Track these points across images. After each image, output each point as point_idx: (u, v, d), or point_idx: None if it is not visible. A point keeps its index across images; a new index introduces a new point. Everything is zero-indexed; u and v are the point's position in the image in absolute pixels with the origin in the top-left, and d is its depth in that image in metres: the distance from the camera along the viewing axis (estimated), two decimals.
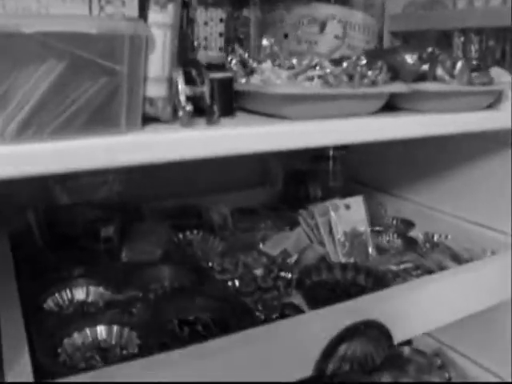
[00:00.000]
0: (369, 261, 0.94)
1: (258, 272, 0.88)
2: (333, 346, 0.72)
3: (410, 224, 1.13)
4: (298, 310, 0.77)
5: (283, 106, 0.61)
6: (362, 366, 0.74)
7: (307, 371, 0.71)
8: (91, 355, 0.68)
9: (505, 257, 0.91)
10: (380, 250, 0.99)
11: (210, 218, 1.08)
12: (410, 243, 1.04)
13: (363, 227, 0.96)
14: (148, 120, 0.57)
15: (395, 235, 1.07)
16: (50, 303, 0.79)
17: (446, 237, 1.07)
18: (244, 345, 0.66)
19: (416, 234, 1.10)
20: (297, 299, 0.83)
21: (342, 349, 0.72)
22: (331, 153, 1.25)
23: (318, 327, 0.71)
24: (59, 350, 0.67)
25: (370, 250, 0.95)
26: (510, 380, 1.06)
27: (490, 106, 0.84)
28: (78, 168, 0.50)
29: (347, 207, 0.95)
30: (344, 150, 1.26)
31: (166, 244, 0.95)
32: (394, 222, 1.15)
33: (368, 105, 0.68)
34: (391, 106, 0.74)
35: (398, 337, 0.79)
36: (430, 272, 0.93)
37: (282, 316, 0.76)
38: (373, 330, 0.75)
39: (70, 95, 0.48)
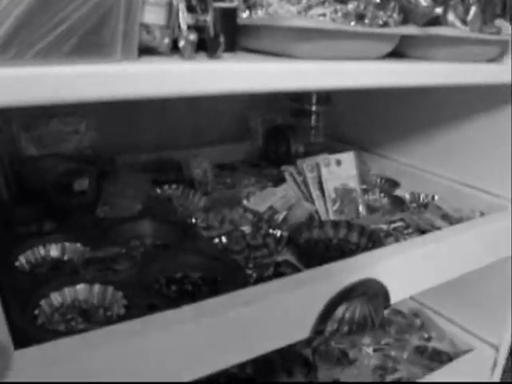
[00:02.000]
0: (359, 219, 0.89)
1: (246, 229, 0.82)
2: (331, 307, 0.67)
3: (395, 183, 1.09)
4: (293, 268, 0.72)
5: (293, 43, 0.55)
6: (361, 327, 0.70)
7: (305, 333, 0.67)
8: (72, 317, 0.62)
9: (501, 217, 0.88)
10: (369, 208, 0.94)
11: (189, 173, 1.00)
12: (397, 202, 1.00)
13: (354, 184, 0.91)
14: (143, 52, 0.49)
15: (382, 194, 1.03)
16: (21, 261, 0.71)
17: (433, 197, 1.03)
18: (238, 305, 0.60)
19: (402, 193, 1.06)
20: (288, 257, 0.78)
21: (341, 310, 0.68)
22: (314, 108, 1.19)
23: (316, 287, 0.66)
24: (36, 312, 0.60)
25: (361, 207, 0.90)
26: (485, 337, 1.06)
27: (492, 60, 0.79)
28: (66, 99, 0.42)
29: (338, 163, 0.90)
30: (326, 105, 1.20)
31: (145, 198, 0.88)
32: (379, 180, 1.11)
33: (379, 47, 0.62)
34: (396, 53, 0.68)
35: (394, 297, 0.75)
36: (421, 231, 0.89)
37: (276, 275, 0.71)
38: (371, 290, 0.71)
39: (59, 12, 0.39)
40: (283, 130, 1.16)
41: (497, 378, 1.09)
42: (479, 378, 1.05)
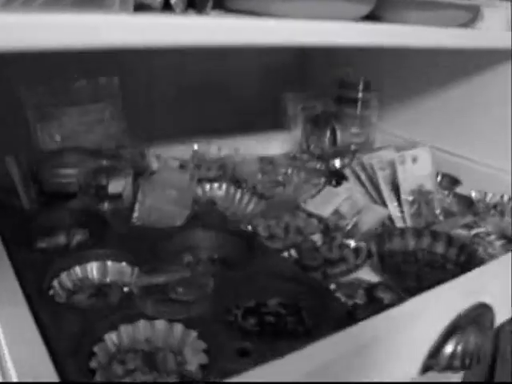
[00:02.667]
0: (437, 224, 0.76)
1: (317, 238, 0.69)
2: (443, 340, 0.55)
3: (455, 180, 0.96)
4: (389, 292, 0.59)
5: (273, 3, 0.55)
6: (474, 360, 0.57)
7: (413, 371, 0.54)
8: (135, 367, 0.48)
9: None
10: (444, 211, 0.81)
11: (232, 170, 0.86)
12: (465, 202, 0.87)
13: (431, 184, 0.78)
14: (138, 8, 0.46)
15: (446, 192, 0.90)
16: (56, 287, 0.57)
17: (502, 196, 0.90)
18: (348, 352, 0.47)
19: (465, 191, 0.93)
20: (369, 273, 0.65)
21: (453, 342, 0.55)
22: (359, 95, 1.05)
23: (427, 318, 0.54)
24: (93, 364, 0.46)
25: (438, 211, 0.77)
26: None
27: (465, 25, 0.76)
28: (71, 45, 0.40)
29: (414, 160, 0.77)
30: (372, 92, 1.06)
31: (189, 202, 0.73)
32: (440, 177, 0.97)
33: (356, 8, 0.61)
34: (373, 16, 0.66)
35: (498, 320, 0.63)
36: (504, 237, 0.77)
37: (371, 300, 0.58)
38: (482, 317, 0.58)
39: None
40: (327, 119, 1.02)
41: None
42: None
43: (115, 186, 0.72)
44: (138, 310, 0.51)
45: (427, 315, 0.54)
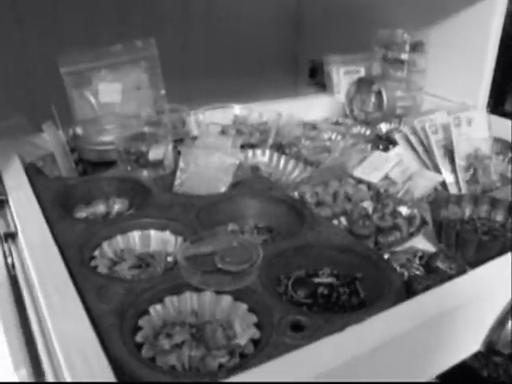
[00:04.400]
0: (495, 191, 0.70)
1: (367, 205, 0.64)
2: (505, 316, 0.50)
3: (508, 145, 0.89)
4: (452, 262, 0.53)
5: None
6: None
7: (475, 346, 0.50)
8: (182, 340, 0.44)
9: None
10: (502, 177, 0.75)
11: (273, 135, 0.81)
12: None
13: (487, 149, 0.72)
14: None
15: (500, 157, 0.82)
16: (99, 259, 0.54)
17: None
18: (412, 322, 0.42)
19: None
20: (424, 242, 0.60)
21: None
22: (405, 56, 0.98)
23: (493, 287, 0.48)
24: (139, 338, 0.43)
25: (495, 177, 0.71)
26: None
27: None
28: None
29: (469, 122, 0.70)
30: (419, 53, 0.99)
31: (234, 169, 0.69)
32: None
33: None
34: None
35: None
36: None
37: (429, 271, 0.53)
38: None
39: None
40: (372, 82, 0.96)
41: None
42: None
43: (156, 152, 0.68)
44: (184, 281, 0.48)
45: (492, 287, 0.49)
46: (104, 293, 0.45)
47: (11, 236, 0.57)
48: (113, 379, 0.35)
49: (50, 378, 0.42)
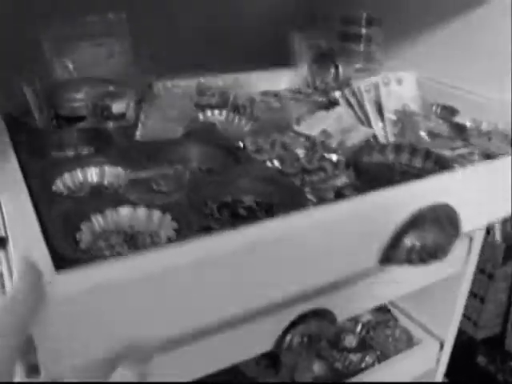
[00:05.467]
0: (421, 144, 0.78)
1: (300, 152, 0.72)
2: (401, 234, 0.57)
3: (453, 111, 0.96)
4: (357, 191, 0.61)
5: None
6: (433, 256, 0.60)
7: (371, 262, 0.57)
8: (116, 243, 0.53)
9: None
10: (430, 134, 0.82)
11: (233, 98, 0.89)
12: (458, 129, 0.87)
13: (416, 106, 0.79)
14: None
15: (440, 121, 0.90)
16: (59, 185, 0.62)
17: (497, 124, 0.90)
18: (301, 228, 0.50)
19: (462, 120, 0.93)
20: (347, 181, 0.68)
21: (411, 237, 0.58)
22: (363, 30, 1.05)
23: (385, 211, 0.56)
24: (78, 237, 0.51)
25: (422, 132, 0.79)
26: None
27: None
28: None
29: (399, 82, 0.78)
30: (376, 27, 1.06)
31: (188, 122, 0.77)
32: (436, 108, 0.97)
33: None
34: None
35: (465, 226, 0.64)
36: (488, 157, 0.78)
37: (337, 198, 0.61)
38: (443, 216, 0.60)
39: None
40: (331, 55, 1.03)
41: (472, 266, 0.99)
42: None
43: (119, 106, 0.77)
44: (124, 198, 0.56)
45: (387, 208, 0.56)
46: (55, 205, 0.54)
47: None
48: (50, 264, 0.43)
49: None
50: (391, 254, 0.57)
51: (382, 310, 1.16)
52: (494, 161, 0.69)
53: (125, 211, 0.56)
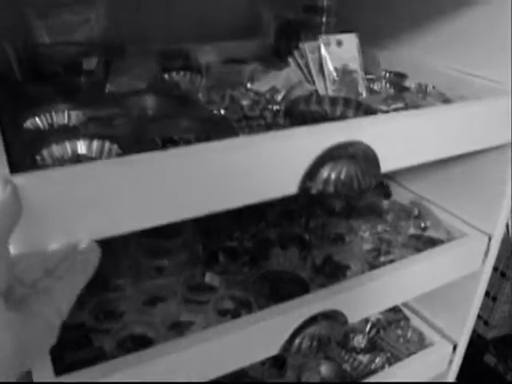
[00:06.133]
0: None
1: (245, 103, 0.80)
2: (316, 166, 0.66)
3: (402, 76, 1.05)
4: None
5: None
6: (347, 188, 0.68)
7: (292, 189, 0.66)
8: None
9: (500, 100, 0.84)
10: (372, 92, 0.91)
11: (197, 61, 0.98)
12: (399, 89, 0.96)
13: (355, 65, 0.87)
14: None
15: (387, 84, 0.99)
16: (28, 124, 0.72)
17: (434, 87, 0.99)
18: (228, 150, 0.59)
19: (409, 84, 1.01)
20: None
21: (327, 169, 0.66)
22: (324, 3, 1.13)
23: (301, 143, 0.64)
24: (37, 158, 0.61)
25: (361, 89, 0.87)
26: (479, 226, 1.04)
27: None
28: None
29: (339, 43, 0.87)
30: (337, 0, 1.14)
31: (151, 79, 0.87)
32: (387, 74, 1.06)
33: None
34: None
35: (384, 166, 0.73)
36: None
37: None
38: (360, 153, 0.69)
39: None
40: (294, 26, 1.12)
41: (490, 265, 1.08)
42: (471, 263, 1.04)
43: (89, 63, 0.86)
44: (81, 131, 0.66)
45: (303, 141, 0.64)
46: (20, 135, 0.63)
47: None
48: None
49: None
50: (308, 184, 0.66)
51: (393, 309, 1.17)
52: (418, 110, 0.77)
53: (81, 143, 0.65)
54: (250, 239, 1.00)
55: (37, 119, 0.73)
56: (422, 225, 1.09)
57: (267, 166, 0.62)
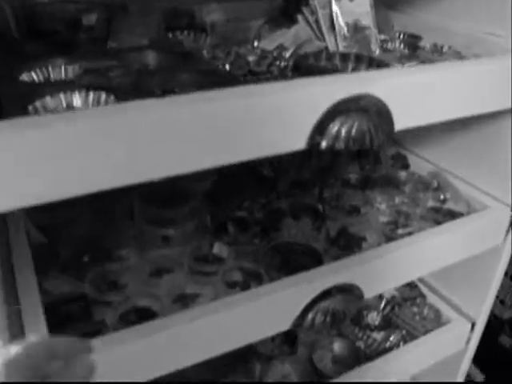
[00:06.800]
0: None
1: (251, 59, 0.78)
2: (326, 120, 0.63)
3: (417, 37, 1.01)
4: None
5: None
6: (358, 144, 0.65)
7: (301, 144, 0.63)
8: None
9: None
10: (385, 51, 0.87)
11: (202, 20, 0.96)
12: (413, 48, 0.92)
13: (367, 21, 0.84)
14: None
15: (402, 45, 0.95)
16: (24, 77, 0.70)
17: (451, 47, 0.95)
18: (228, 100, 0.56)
19: (424, 44, 0.98)
20: None
21: (337, 123, 0.63)
22: None
23: (313, 95, 0.61)
24: (29, 108, 0.59)
25: (374, 47, 0.84)
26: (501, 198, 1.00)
27: None
28: None
29: None
30: None
31: (154, 37, 0.84)
32: (401, 35, 1.02)
33: None
34: None
35: (397, 123, 0.70)
36: None
37: None
38: (372, 107, 0.66)
39: None
40: None
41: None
42: (492, 236, 1.00)
43: (89, 19, 0.84)
44: (76, 83, 0.64)
45: (315, 93, 0.61)
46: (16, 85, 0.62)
47: None
48: None
49: None
50: (318, 139, 0.63)
51: (409, 285, 1.14)
52: (432, 64, 0.74)
53: (77, 96, 0.63)
54: (260, 209, 0.98)
55: (32, 73, 0.71)
56: (442, 197, 1.06)
57: (274, 117, 0.59)
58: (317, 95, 0.61)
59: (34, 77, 0.71)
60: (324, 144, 0.63)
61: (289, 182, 1.06)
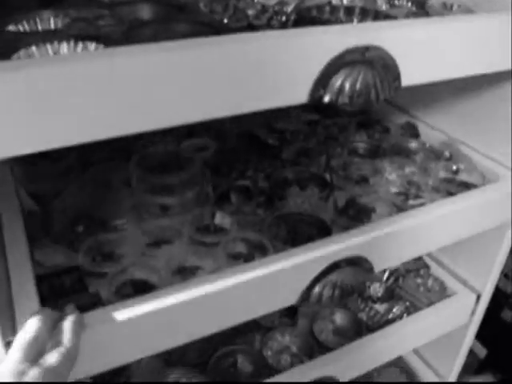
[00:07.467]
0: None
1: (251, 12, 0.75)
2: (330, 71, 0.60)
3: None
4: None
5: None
6: (363, 98, 0.62)
7: (302, 97, 0.60)
8: None
9: None
10: (391, 6, 0.84)
11: None
12: (421, 5, 0.88)
13: None
14: None
15: (410, 3, 0.91)
16: (12, 28, 0.67)
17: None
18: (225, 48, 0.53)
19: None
20: None
21: (340, 76, 0.60)
22: None
23: (315, 46, 0.58)
24: (13, 57, 0.57)
25: (380, 1, 0.81)
26: None
27: None
28: None
29: None
30: None
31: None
32: None
33: None
34: None
35: (407, 79, 0.66)
36: None
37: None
38: (378, 59, 0.62)
39: None
40: None
41: None
42: (504, 207, 0.97)
43: None
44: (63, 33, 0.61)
45: (318, 44, 0.58)
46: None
47: None
48: None
49: None
50: (321, 92, 0.60)
51: None
52: (441, 17, 0.70)
53: (64, 47, 0.61)
54: (264, 178, 0.95)
55: (19, 26, 0.69)
56: (454, 168, 1.02)
57: (273, 68, 0.56)
58: (320, 45, 0.58)
59: (21, 29, 0.68)
60: (327, 98, 0.61)
61: (294, 150, 1.04)
